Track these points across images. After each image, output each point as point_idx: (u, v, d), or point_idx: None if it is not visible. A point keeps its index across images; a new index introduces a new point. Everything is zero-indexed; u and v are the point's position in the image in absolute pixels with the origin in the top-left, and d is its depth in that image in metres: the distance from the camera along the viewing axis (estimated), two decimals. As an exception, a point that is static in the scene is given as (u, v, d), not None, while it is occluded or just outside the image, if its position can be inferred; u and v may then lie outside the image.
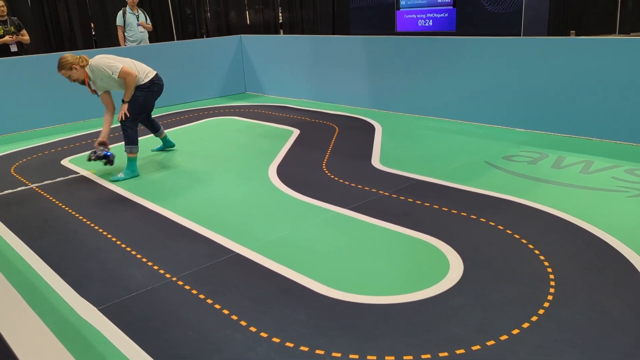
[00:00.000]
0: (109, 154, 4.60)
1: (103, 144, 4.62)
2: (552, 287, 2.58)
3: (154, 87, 4.69)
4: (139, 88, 4.61)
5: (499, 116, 5.60)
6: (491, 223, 3.31)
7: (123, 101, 4.58)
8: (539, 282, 2.62)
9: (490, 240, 3.10)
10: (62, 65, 4.43)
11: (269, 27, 12.40)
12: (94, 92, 4.62)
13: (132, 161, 4.68)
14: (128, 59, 4.65)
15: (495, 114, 5.61)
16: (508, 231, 3.19)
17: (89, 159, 4.60)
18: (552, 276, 2.67)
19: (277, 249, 3.15)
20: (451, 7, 5.80)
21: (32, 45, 7.98)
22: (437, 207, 3.62)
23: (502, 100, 5.53)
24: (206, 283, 2.79)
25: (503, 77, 5.46)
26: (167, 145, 5.43)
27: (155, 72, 4.74)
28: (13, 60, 6.60)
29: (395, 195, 3.87)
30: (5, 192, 4.42)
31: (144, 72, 4.66)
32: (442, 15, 5.89)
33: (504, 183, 4.00)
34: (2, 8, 6.77)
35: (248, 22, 12.55)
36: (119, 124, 4.63)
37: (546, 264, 2.79)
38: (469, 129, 5.64)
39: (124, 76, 4.46)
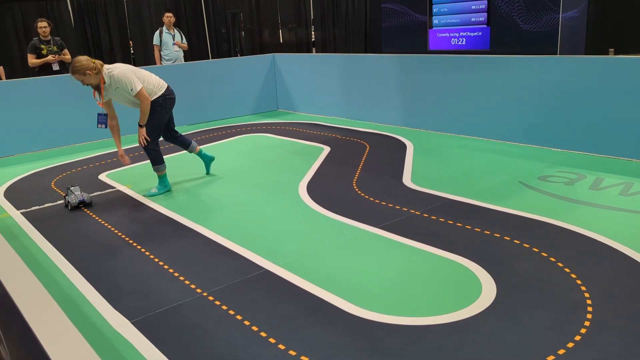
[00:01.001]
0: (83, 199, 4.42)
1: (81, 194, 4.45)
2: (589, 312, 2.50)
3: (166, 103, 4.59)
4: (152, 103, 4.50)
5: (534, 135, 5.50)
6: (525, 245, 3.24)
7: (140, 125, 4.50)
8: (575, 308, 2.54)
9: (525, 263, 3.03)
10: (75, 70, 4.24)
11: (302, 46, 12.56)
12: (101, 99, 4.45)
13: (161, 178, 4.74)
14: (145, 71, 4.58)
15: (531, 133, 5.52)
16: (543, 254, 3.12)
17: (66, 206, 4.47)
18: (589, 302, 2.59)
19: (307, 266, 3.15)
20: (485, 26, 5.77)
21: (74, 64, 8.26)
22: (469, 227, 3.57)
23: (537, 120, 5.44)
24: (236, 299, 2.81)
25: (539, 96, 5.38)
26: (207, 160, 5.19)
27: (166, 86, 4.64)
28: (55, 79, 6.85)
29: (426, 215, 3.83)
30: (46, 205, 4.56)
31: (157, 86, 4.56)
32: (475, 34, 5.86)
33: (539, 204, 3.92)
34: (45, 29, 7.04)
35: (281, 40, 12.73)
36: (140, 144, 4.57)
37: (583, 288, 2.71)
38: (503, 148, 5.56)
39: (140, 98, 4.39)
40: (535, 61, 5.35)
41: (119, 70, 4.38)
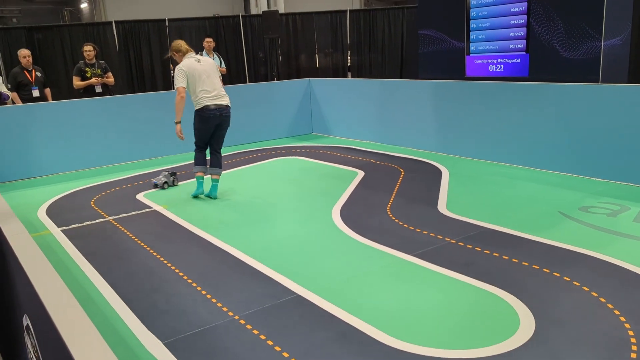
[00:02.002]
0: (166, 181, 5.56)
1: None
2: (633, 352, 2.38)
3: (198, 117, 4.93)
4: (195, 111, 4.95)
5: (575, 164, 5.36)
6: (566, 278, 3.13)
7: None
8: (619, 346, 2.43)
9: (565, 297, 2.92)
10: (171, 47, 5.06)
11: (337, 70, 12.68)
12: None
13: (197, 180, 5.17)
14: (206, 82, 4.87)
15: (571, 162, 5.39)
16: (585, 288, 3.01)
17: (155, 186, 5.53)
18: (633, 340, 2.47)
19: (339, 292, 3.12)
20: (524, 53, 5.70)
21: (116, 87, 8.55)
22: (506, 257, 3.48)
23: (578, 148, 5.31)
24: (267, 324, 2.79)
25: (580, 124, 5.26)
26: (212, 189, 5.15)
27: (205, 105, 4.85)
28: (97, 100, 7.09)
29: (462, 244, 3.76)
30: (85, 223, 4.68)
31: (197, 99, 4.87)
32: (514, 60, 5.80)
33: (580, 236, 3.80)
34: (90, 52, 7.33)
35: (317, 65, 12.88)
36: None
37: (627, 326, 2.59)
38: (542, 176, 5.44)
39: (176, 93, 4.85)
40: (576, 89, 5.25)
41: (181, 63, 4.93)
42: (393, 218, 4.39)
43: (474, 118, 6.27)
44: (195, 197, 5.21)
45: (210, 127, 4.97)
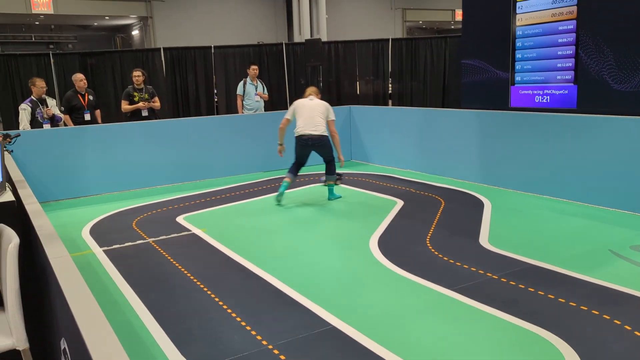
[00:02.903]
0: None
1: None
2: (694, 407, 2.21)
3: (298, 141, 5.90)
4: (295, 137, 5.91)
5: (626, 200, 5.13)
6: (616, 322, 2.96)
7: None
8: (678, 399, 2.26)
9: (615, 341, 2.76)
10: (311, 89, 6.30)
11: (378, 98, 12.69)
12: None
13: (283, 182, 5.96)
14: (312, 115, 5.83)
15: (623, 197, 5.16)
16: (636, 333, 2.83)
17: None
18: (694, 393, 2.30)
19: (375, 325, 3.04)
20: (572, 84, 5.56)
21: (161, 111, 8.80)
22: (552, 296, 3.32)
23: (630, 183, 5.09)
24: (301, 355, 2.74)
25: (631, 158, 5.05)
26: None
27: (300, 134, 5.82)
28: (143, 124, 7.31)
29: (504, 280, 3.62)
30: (126, 244, 4.76)
31: (297, 128, 5.87)
32: (561, 92, 5.66)
33: (631, 276, 3.60)
34: (138, 77, 7.59)
35: (358, 92, 12.94)
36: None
37: (686, 377, 2.42)
38: (591, 212, 5.23)
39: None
40: (628, 122, 5.06)
41: (297, 100, 6.09)
42: (433, 250, 4.28)
43: (518, 149, 6.12)
44: (278, 198, 5.93)
45: (302, 150, 5.95)
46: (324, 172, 6.20)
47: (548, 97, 5.79)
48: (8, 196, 2.75)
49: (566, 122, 5.59)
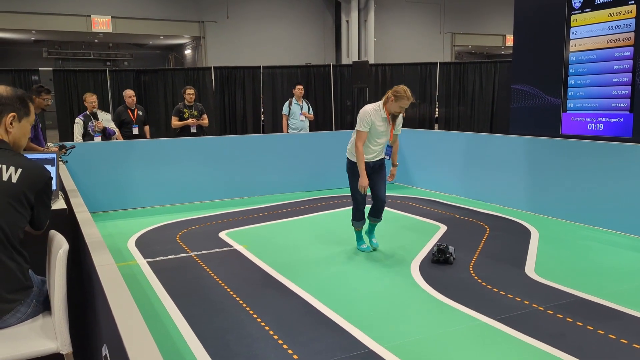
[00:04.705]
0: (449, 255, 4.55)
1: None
2: None
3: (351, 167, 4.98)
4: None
5: (683, 235, 4.87)
6: (673, 363, 2.79)
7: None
8: None
9: (672, 385, 2.59)
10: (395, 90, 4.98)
11: (424, 121, 12.60)
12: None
13: (356, 234, 5.00)
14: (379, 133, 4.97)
15: (679, 231, 4.90)
16: (696, 377, 2.65)
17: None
18: None
19: (414, 352, 2.97)
20: (628, 113, 5.36)
21: (209, 128, 9.00)
22: (601, 332, 3.16)
23: (687, 217, 4.84)
24: (337, 378, 2.70)
25: (689, 191, 4.80)
26: (369, 231, 5.06)
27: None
28: (191, 140, 7.50)
29: (551, 312, 3.48)
30: (169, 257, 4.85)
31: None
32: (616, 120, 5.46)
33: (689, 315, 3.39)
34: (190, 95, 7.82)
35: (404, 115, 12.90)
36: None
37: None
38: (644, 245, 4.98)
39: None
40: (686, 152, 4.83)
41: (370, 105, 5.00)
42: (476, 277, 4.17)
43: (568, 177, 5.93)
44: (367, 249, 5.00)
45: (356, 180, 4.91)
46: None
47: (602, 124, 5.60)
48: (60, 204, 2.86)
49: (621, 151, 5.38)
